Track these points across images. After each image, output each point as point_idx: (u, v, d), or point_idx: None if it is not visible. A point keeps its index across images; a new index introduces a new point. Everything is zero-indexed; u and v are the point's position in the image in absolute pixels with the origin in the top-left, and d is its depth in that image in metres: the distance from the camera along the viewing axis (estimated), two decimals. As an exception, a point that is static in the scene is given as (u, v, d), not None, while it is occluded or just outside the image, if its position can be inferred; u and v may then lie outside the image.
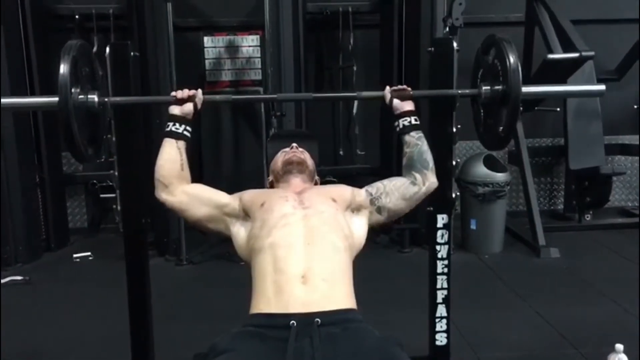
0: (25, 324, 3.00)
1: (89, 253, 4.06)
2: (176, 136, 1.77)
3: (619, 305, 3.06)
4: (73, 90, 1.66)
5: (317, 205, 1.66)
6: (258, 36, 4.16)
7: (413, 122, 1.83)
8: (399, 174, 1.83)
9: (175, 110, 1.81)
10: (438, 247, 1.97)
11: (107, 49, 1.84)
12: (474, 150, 4.62)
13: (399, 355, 1.40)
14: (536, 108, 4.38)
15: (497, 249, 4.03)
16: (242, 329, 1.45)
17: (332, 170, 4.46)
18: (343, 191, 1.78)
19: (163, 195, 1.73)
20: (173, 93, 1.82)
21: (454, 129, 1.96)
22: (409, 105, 1.85)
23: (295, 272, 1.50)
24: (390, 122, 4.04)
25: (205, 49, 4.19)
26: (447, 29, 3.64)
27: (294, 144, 1.90)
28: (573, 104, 4.27)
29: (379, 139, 4.36)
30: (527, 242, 4.10)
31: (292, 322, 1.40)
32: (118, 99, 1.86)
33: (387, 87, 1.90)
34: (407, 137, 1.82)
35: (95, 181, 4.41)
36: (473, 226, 4.00)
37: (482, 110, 1.93)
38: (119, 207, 1.93)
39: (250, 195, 1.74)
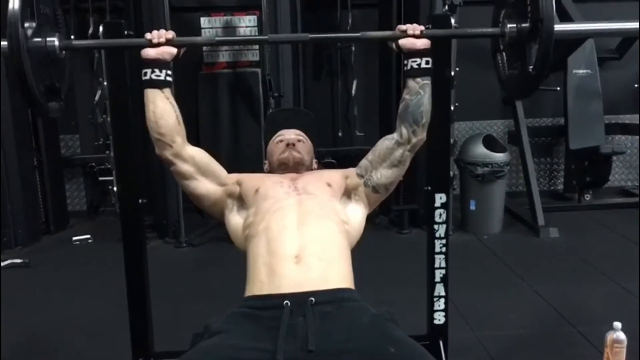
0: (25, 306, 3.02)
1: (88, 236, 4.06)
2: (159, 84, 1.56)
3: (617, 284, 3.07)
4: (28, 29, 1.42)
5: (312, 190, 1.65)
6: (255, 16, 4.11)
7: (423, 65, 1.62)
8: None
9: (150, 53, 1.56)
10: (436, 227, 1.95)
11: (101, 28, 1.81)
12: (473, 131, 4.61)
13: (393, 330, 1.40)
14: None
15: (497, 229, 4.04)
16: (236, 311, 1.45)
17: (331, 151, 4.45)
18: (337, 176, 1.73)
19: (168, 155, 1.61)
20: (147, 35, 1.57)
21: (452, 107, 1.93)
22: (421, 44, 1.63)
23: (289, 252, 1.48)
24: (389, 103, 4.06)
25: (202, 30, 4.14)
26: (446, 7, 3.60)
27: (291, 138, 1.80)
28: (573, 83, 4.24)
29: (378, 120, 4.34)
30: (527, 222, 4.10)
31: (285, 301, 1.39)
32: (81, 42, 1.65)
33: (398, 26, 1.66)
34: (411, 82, 1.64)
35: (93, 164, 4.40)
36: (472, 206, 4.00)
37: (504, 56, 1.75)
38: (115, 188, 1.92)
39: (247, 180, 1.70)
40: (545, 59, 1.56)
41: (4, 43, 1.40)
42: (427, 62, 1.63)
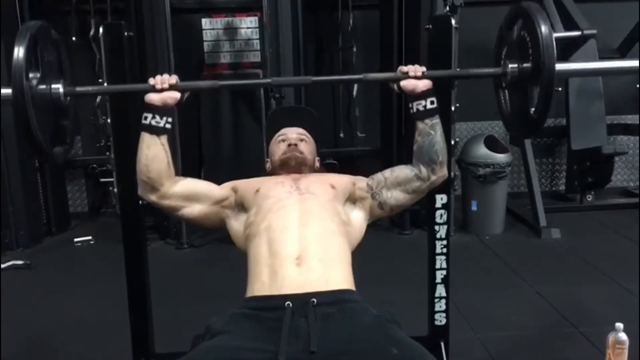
0: (27, 307, 3.02)
1: (89, 237, 4.06)
2: (158, 131, 1.54)
3: (619, 284, 3.06)
4: (32, 78, 1.42)
5: (314, 190, 1.64)
6: (256, 17, 4.12)
7: (429, 106, 1.60)
8: (399, 155, 1.78)
9: (154, 98, 1.55)
10: (437, 227, 1.95)
11: (101, 30, 1.81)
12: (475, 132, 4.61)
13: (395, 331, 1.40)
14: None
15: (498, 230, 4.03)
16: (237, 311, 1.44)
17: (332, 152, 4.45)
18: (344, 180, 1.72)
19: (153, 198, 1.60)
20: (151, 80, 1.55)
21: (452, 108, 1.93)
22: (424, 85, 1.61)
23: (290, 253, 1.48)
24: (390, 104, 4.05)
25: (204, 31, 4.15)
26: (447, 7, 3.59)
27: (293, 137, 1.79)
28: (575, 83, 4.23)
29: (380, 121, 4.33)
30: (528, 223, 4.09)
31: (287, 302, 1.39)
32: (87, 88, 1.67)
33: (399, 68, 1.64)
34: (419, 124, 1.62)
35: (94, 165, 4.40)
36: (474, 207, 3.99)
37: (507, 94, 1.72)
38: (116, 190, 1.92)
39: (243, 185, 1.69)
40: (546, 103, 1.52)
41: (9, 91, 1.40)
42: (432, 102, 1.61)
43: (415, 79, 1.60)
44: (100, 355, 2.49)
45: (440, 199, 1.93)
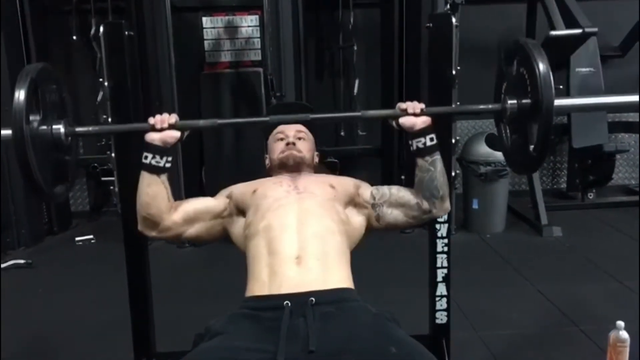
0: (28, 306, 3.02)
1: (91, 236, 4.07)
2: (158, 171, 1.54)
3: (621, 283, 3.06)
4: (32, 118, 1.42)
5: (313, 190, 1.64)
6: (257, 16, 4.12)
7: (428, 143, 1.57)
8: (400, 154, 1.75)
9: (154, 138, 1.54)
10: (438, 226, 1.95)
11: (101, 29, 1.81)
12: (476, 130, 4.60)
13: (394, 330, 1.39)
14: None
15: (500, 229, 4.03)
16: (236, 312, 1.45)
17: (333, 151, 4.45)
18: (346, 182, 1.71)
19: (153, 234, 1.61)
20: (151, 120, 1.54)
21: (453, 107, 1.92)
22: (422, 122, 1.57)
23: (289, 253, 1.48)
24: (392, 102, 4.04)
25: (204, 30, 4.14)
26: (448, 6, 3.59)
27: (291, 135, 1.77)
28: (576, 81, 4.22)
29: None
30: (530, 221, 4.09)
31: (286, 302, 1.39)
32: (87, 128, 1.66)
33: (398, 104, 1.61)
34: (420, 161, 1.60)
35: (96, 164, 4.39)
36: (475, 206, 3.99)
37: (508, 129, 1.70)
38: (117, 189, 1.92)
39: (238, 189, 1.69)
40: (545, 140, 1.49)
41: (9, 132, 1.39)
42: (431, 140, 1.58)
43: (413, 116, 1.57)
44: (101, 354, 2.50)
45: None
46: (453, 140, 1.92)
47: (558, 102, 1.48)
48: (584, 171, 4.45)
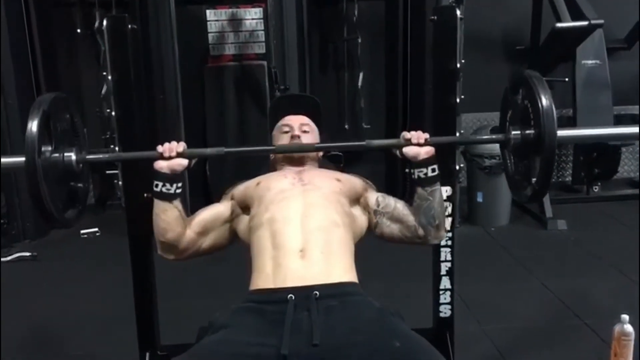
0: (33, 299, 3.04)
1: (96, 229, 4.08)
2: (170, 197, 1.56)
3: (625, 276, 3.05)
4: (44, 149, 1.46)
5: (317, 182, 1.64)
6: (261, 8, 4.10)
7: (430, 174, 1.58)
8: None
9: (162, 166, 1.55)
10: (442, 219, 1.94)
11: (105, 22, 1.80)
12: (481, 123, 4.58)
13: (397, 324, 1.39)
14: (544, 78, 4.31)
15: (504, 222, 4.02)
16: (240, 305, 1.45)
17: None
18: (354, 180, 1.71)
19: (172, 257, 1.64)
20: (159, 148, 1.56)
21: (457, 100, 1.91)
22: (426, 153, 1.58)
23: (294, 246, 1.48)
24: (396, 96, 4.04)
25: (208, 23, 4.13)
26: (453, -2, 3.56)
27: (296, 127, 1.78)
28: (582, 73, 4.20)
29: (385, 112, 4.32)
30: (534, 215, 4.08)
31: (290, 295, 1.39)
32: (99, 156, 1.69)
33: (402, 134, 1.61)
34: (419, 190, 1.61)
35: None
36: (479, 199, 3.98)
37: (512, 158, 1.71)
38: (120, 183, 1.92)
39: (241, 186, 1.70)
40: (547, 173, 1.50)
41: (22, 159, 1.44)
42: (433, 170, 1.59)
43: (417, 146, 1.58)
44: (106, 346, 2.51)
45: (445, 192, 1.92)
46: (457, 134, 1.90)
47: (561, 133, 1.50)
48: (589, 164, 4.43)
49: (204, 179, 4.19)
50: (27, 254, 3.64)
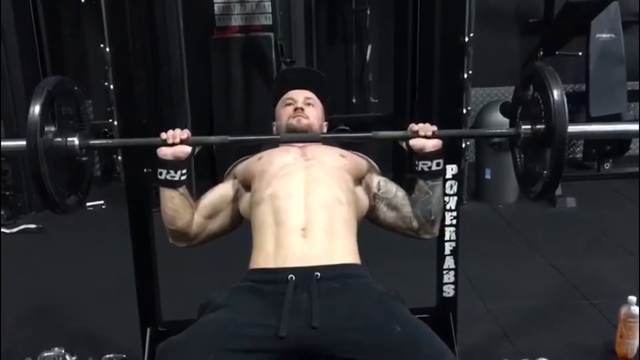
0: (37, 272, 3.05)
1: (102, 202, 4.08)
2: (175, 184, 1.54)
3: (634, 256, 3.01)
4: (47, 131, 1.44)
5: (321, 157, 1.60)
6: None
7: (434, 167, 1.56)
8: (412, 122, 1.69)
9: (166, 153, 1.52)
10: (447, 198, 1.90)
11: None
12: (491, 98, 4.50)
13: (399, 308, 1.37)
14: (557, 52, 4.21)
15: (512, 199, 3.96)
16: (240, 284, 1.43)
17: (345, 118, 4.38)
18: (359, 159, 1.68)
19: (184, 244, 1.64)
20: (163, 135, 1.54)
21: (465, 75, 1.86)
22: (433, 146, 1.55)
23: (296, 224, 1.45)
24: (405, 69, 3.96)
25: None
26: (465, -31, 3.46)
27: (300, 101, 1.75)
28: (596, 47, 4.09)
29: (393, 86, 4.24)
30: (543, 192, 4.02)
31: (290, 276, 1.37)
32: (102, 141, 1.73)
33: (410, 125, 1.58)
34: (421, 182, 1.58)
35: (106, 129, 4.35)
36: (488, 176, 3.92)
37: (522, 153, 1.69)
38: (119, 157, 1.89)
39: (242, 163, 1.67)
40: (558, 167, 1.48)
41: (23, 143, 1.41)
42: (437, 165, 1.56)
43: (424, 138, 1.54)
44: (108, 321, 2.51)
45: (451, 170, 1.88)
46: (464, 111, 1.85)
47: (572, 128, 1.48)
48: (600, 140, 4.35)
49: (210, 159, 4.16)
50: (33, 226, 3.64)
